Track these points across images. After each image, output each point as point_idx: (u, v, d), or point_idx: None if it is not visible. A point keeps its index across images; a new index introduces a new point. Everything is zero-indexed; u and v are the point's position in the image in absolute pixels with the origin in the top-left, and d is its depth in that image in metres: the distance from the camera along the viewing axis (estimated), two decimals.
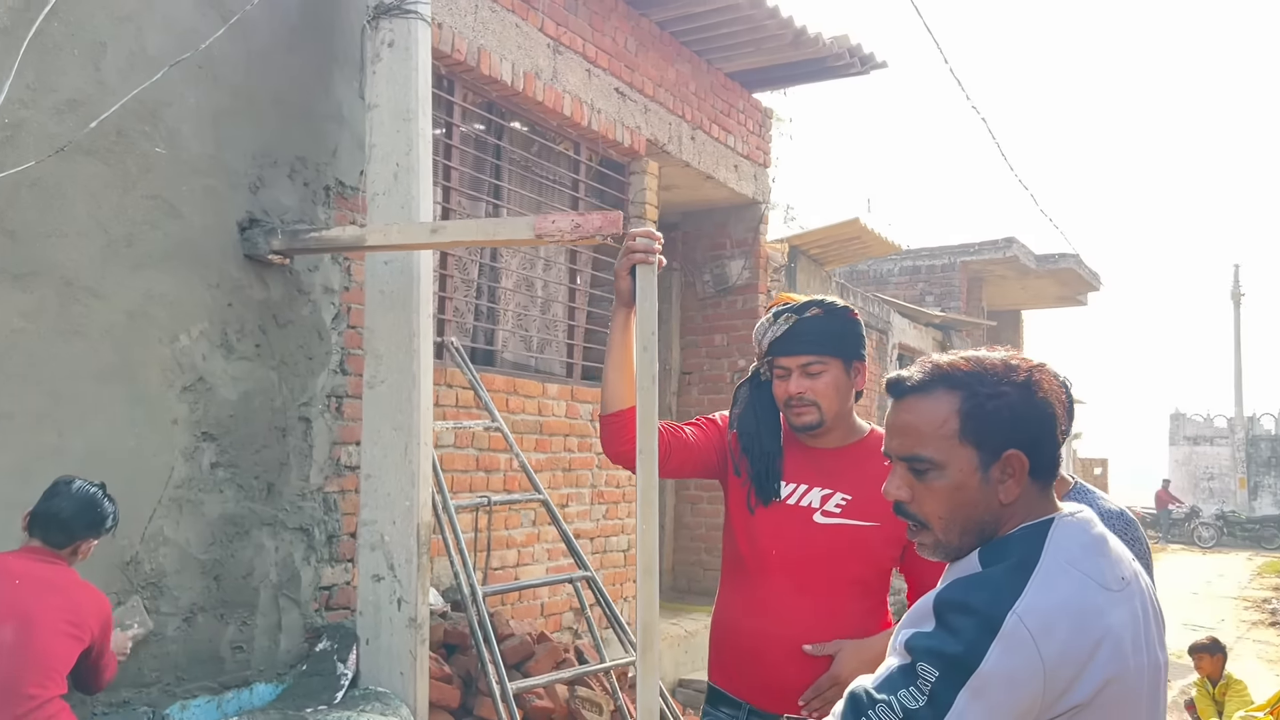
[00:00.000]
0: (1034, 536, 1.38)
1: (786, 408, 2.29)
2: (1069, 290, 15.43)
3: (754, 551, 2.30)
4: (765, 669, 2.24)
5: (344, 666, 3.81)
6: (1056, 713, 1.27)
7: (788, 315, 2.26)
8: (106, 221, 3.20)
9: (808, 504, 2.26)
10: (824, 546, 2.23)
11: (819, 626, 2.21)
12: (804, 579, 2.23)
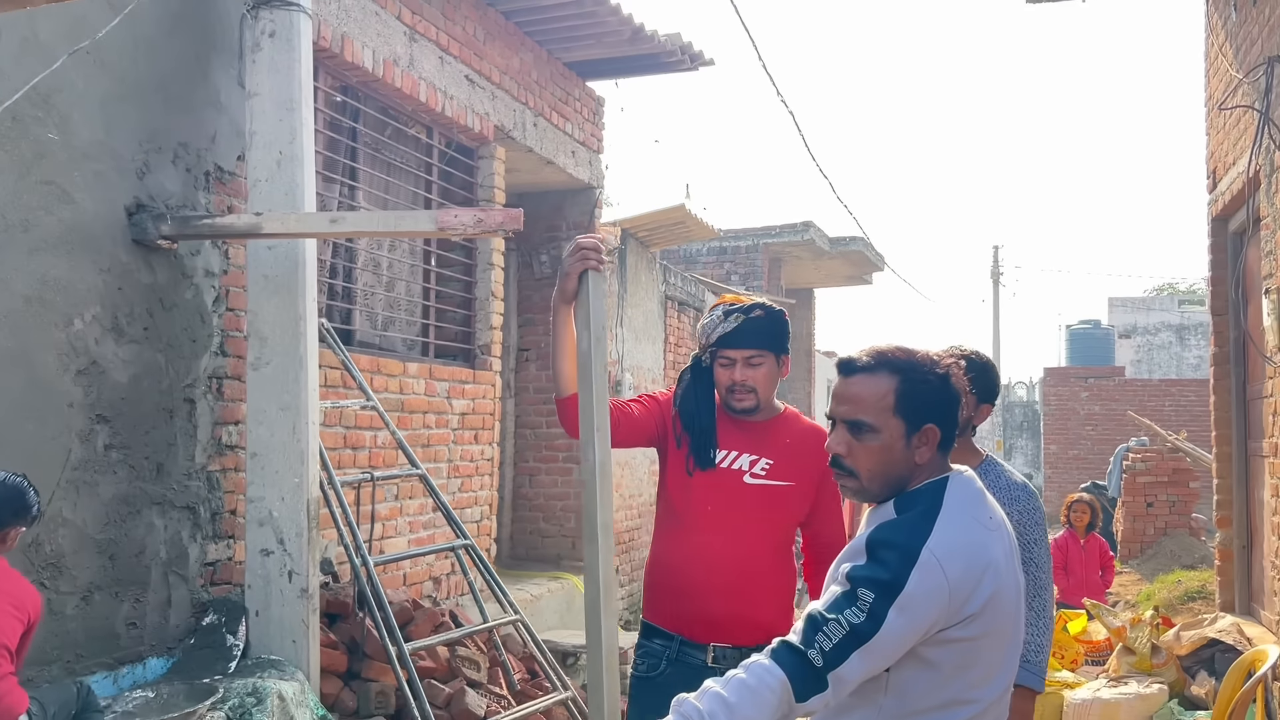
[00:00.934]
0: (936, 490, 1.84)
1: (729, 392, 2.73)
2: (857, 270, 16.64)
3: (689, 508, 2.72)
4: (696, 606, 2.66)
5: (234, 638, 3.95)
6: (958, 620, 1.74)
7: (736, 315, 2.68)
8: (3, 207, 3.22)
9: (739, 467, 2.71)
10: (751, 502, 2.69)
11: (742, 569, 2.66)
12: (732, 530, 2.67)
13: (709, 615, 2.68)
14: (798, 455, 2.76)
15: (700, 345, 2.82)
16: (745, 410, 2.75)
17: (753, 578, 2.67)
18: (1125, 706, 5.04)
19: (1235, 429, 6.27)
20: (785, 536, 2.75)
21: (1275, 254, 4.90)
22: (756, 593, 2.69)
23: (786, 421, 2.83)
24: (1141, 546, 12.14)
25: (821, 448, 2.70)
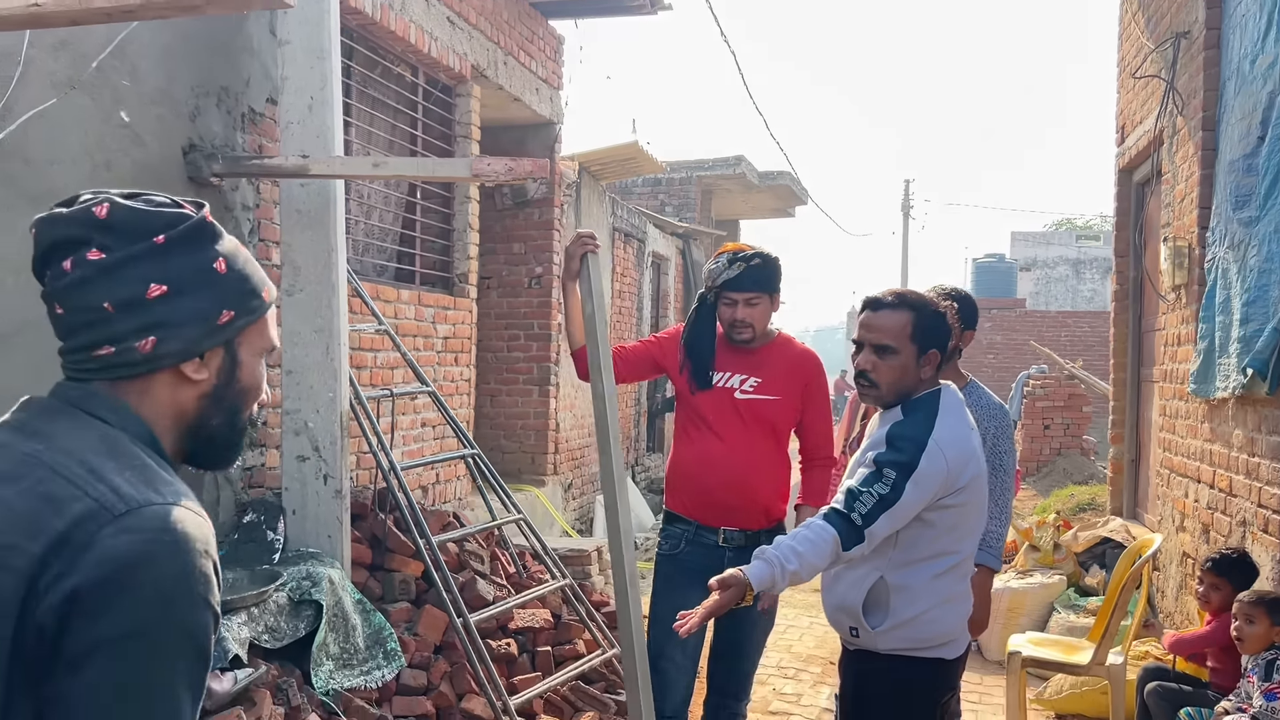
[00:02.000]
0: (933, 398, 2.47)
1: (730, 327, 3.32)
2: (782, 203, 17.32)
3: (694, 420, 3.33)
4: (706, 498, 3.28)
5: (274, 534, 4.44)
6: (951, 491, 2.38)
7: (740, 263, 3.25)
8: (92, 149, 3.59)
9: (730, 386, 3.31)
10: (742, 414, 3.29)
11: (740, 468, 3.27)
12: (729, 436, 3.29)
13: (717, 505, 3.31)
14: (785, 374, 3.37)
15: (706, 286, 3.39)
16: (743, 341, 3.35)
17: (749, 474, 3.28)
18: (1030, 594, 5.90)
19: (1131, 358, 7.13)
20: (775, 440, 3.35)
21: (1174, 206, 5.66)
22: (753, 487, 3.31)
23: (779, 346, 3.44)
24: (1038, 465, 13.25)
25: (807, 367, 3.35)
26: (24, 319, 3.36)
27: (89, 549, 0.97)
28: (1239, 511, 4.44)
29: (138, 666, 0.96)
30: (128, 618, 0.96)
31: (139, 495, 1.02)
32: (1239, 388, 4.26)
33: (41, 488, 1.01)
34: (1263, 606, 3.48)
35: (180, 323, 1.13)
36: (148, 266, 1.12)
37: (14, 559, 0.97)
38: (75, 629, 0.95)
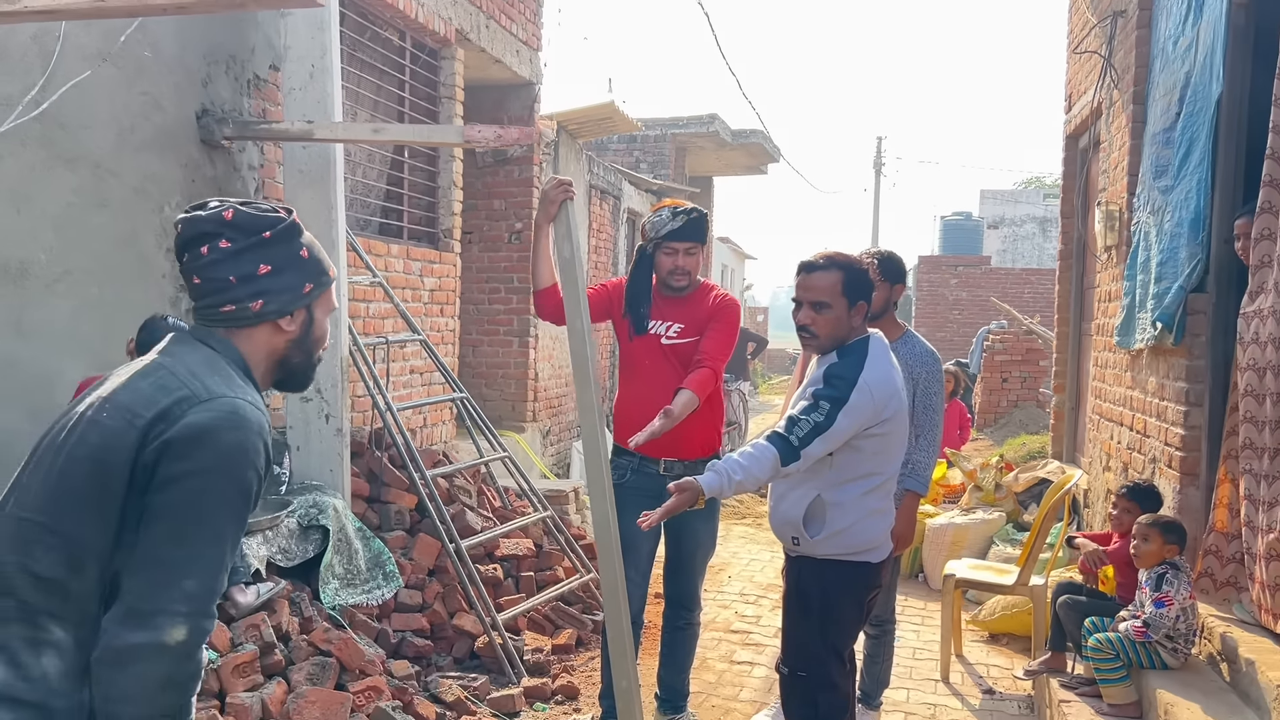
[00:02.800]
0: (863, 344, 2.92)
1: (670, 274, 3.70)
2: (755, 161, 17.67)
3: (632, 363, 3.73)
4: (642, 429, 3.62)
5: (280, 468, 4.87)
6: (877, 422, 2.84)
7: (682, 215, 3.64)
8: (118, 115, 3.95)
9: (658, 333, 3.71)
10: (670, 357, 3.69)
11: (669, 399, 3.61)
12: (661, 377, 3.65)
13: (657, 439, 3.57)
14: (705, 317, 3.71)
15: (647, 238, 3.73)
16: (679, 288, 3.73)
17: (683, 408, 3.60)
18: (972, 529, 6.43)
19: (1073, 312, 7.63)
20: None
21: (1109, 173, 6.12)
22: (688, 421, 3.62)
23: (702, 293, 3.80)
24: (996, 417, 13.82)
25: (717, 304, 3.66)
26: (64, 269, 3.75)
27: (181, 419, 1.47)
28: (1150, 450, 4.96)
29: (200, 492, 1.46)
30: (197, 462, 1.46)
31: (218, 390, 1.53)
32: (1152, 340, 4.76)
33: (161, 381, 1.53)
34: (1156, 528, 3.98)
35: (279, 291, 1.64)
36: (259, 253, 1.63)
37: (137, 420, 1.48)
38: (164, 465, 1.46)
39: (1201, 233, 4.43)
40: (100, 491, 1.43)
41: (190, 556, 1.42)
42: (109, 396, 1.51)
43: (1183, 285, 4.48)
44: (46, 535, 1.43)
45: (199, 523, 1.43)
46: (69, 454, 1.47)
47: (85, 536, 1.43)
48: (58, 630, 1.41)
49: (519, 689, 4.25)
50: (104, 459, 1.44)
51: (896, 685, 4.58)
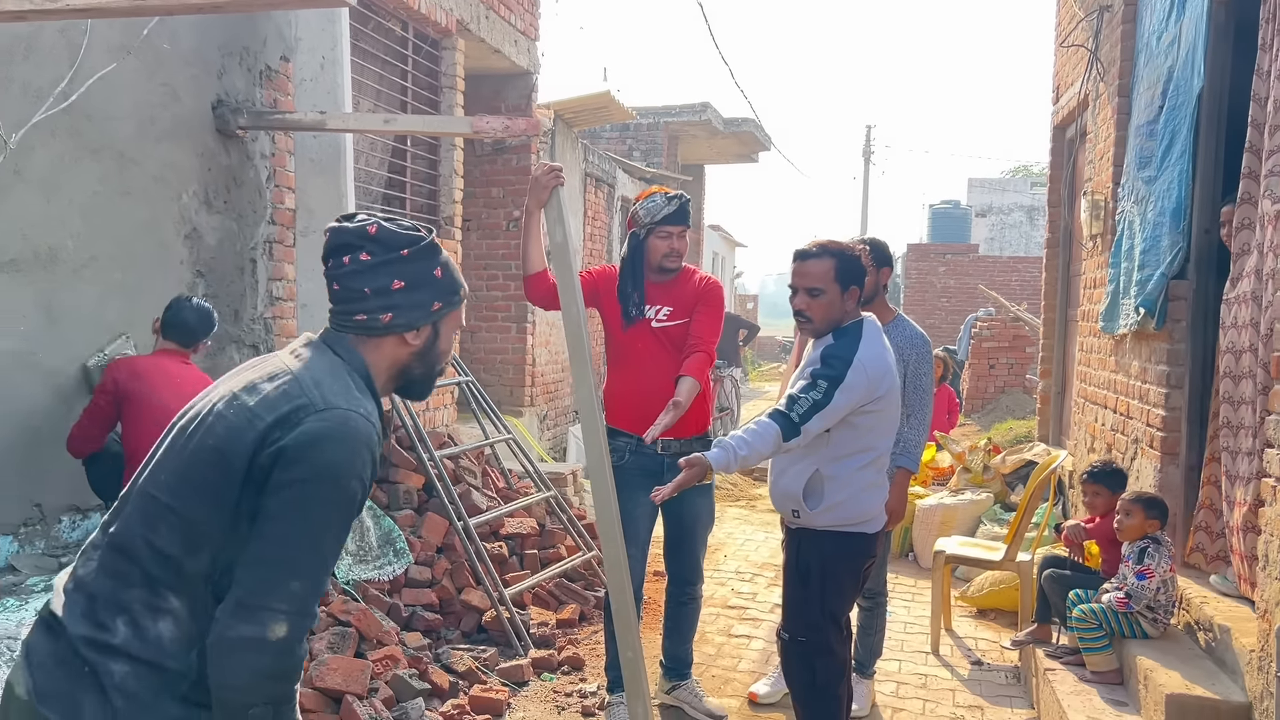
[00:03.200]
0: (857, 326, 3.09)
1: (665, 257, 3.81)
2: (746, 149, 17.81)
3: (625, 348, 3.83)
4: (643, 414, 3.74)
5: None
6: (871, 399, 3.01)
7: (675, 200, 3.77)
8: (140, 106, 4.08)
9: (649, 317, 3.84)
10: (661, 340, 3.81)
11: (663, 380, 3.72)
12: (654, 359, 3.79)
13: (652, 419, 3.66)
14: (692, 300, 3.84)
15: (640, 224, 3.83)
16: (670, 270, 3.84)
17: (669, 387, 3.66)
18: (961, 509, 6.62)
19: (1059, 299, 7.82)
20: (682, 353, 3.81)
21: (1095, 163, 6.29)
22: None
23: (686, 276, 3.92)
24: (983, 403, 14.02)
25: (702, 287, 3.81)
26: (91, 255, 3.89)
27: (297, 426, 1.57)
28: (1133, 431, 5.15)
29: (308, 499, 1.55)
30: (307, 470, 1.54)
31: (335, 402, 1.61)
32: (1135, 325, 4.94)
33: (285, 388, 1.62)
34: (1139, 503, 4.17)
35: (409, 306, 1.72)
36: (396, 268, 1.71)
37: (257, 422, 1.58)
38: (278, 470, 1.55)
39: (1183, 222, 4.60)
40: (220, 483, 1.55)
41: (296, 558, 1.54)
42: (238, 394, 1.62)
43: (1165, 272, 4.65)
44: (170, 515, 1.56)
45: (305, 527, 1.54)
46: (198, 443, 1.59)
47: (201, 522, 1.55)
48: (174, 600, 1.55)
49: (527, 660, 4.42)
50: (225, 453, 1.56)
51: (889, 657, 4.77)
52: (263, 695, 1.52)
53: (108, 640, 1.52)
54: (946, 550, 5.22)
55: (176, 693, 1.54)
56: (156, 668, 1.52)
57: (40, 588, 3.22)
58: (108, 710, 1.49)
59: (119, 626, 1.52)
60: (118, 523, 1.60)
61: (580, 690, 4.24)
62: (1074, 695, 3.93)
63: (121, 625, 1.52)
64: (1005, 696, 4.49)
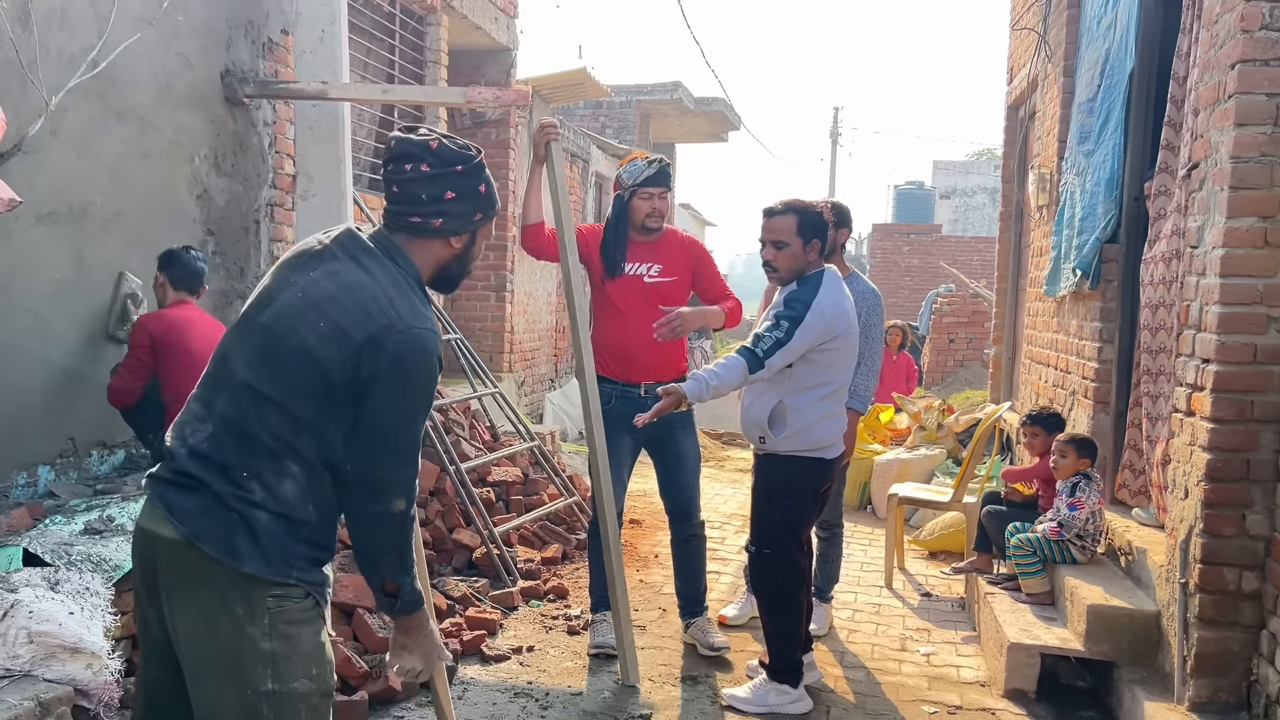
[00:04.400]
0: (819, 275, 3.50)
1: (646, 217, 4.18)
2: (716, 128, 18.18)
3: (611, 301, 4.19)
4: (628, 362, 4.13)
5: None
6: (828, 339, 3.42)
7: (655, 163, 4.14)
8: (157, 73, 4.39)
9: (639, 273, 4.20)
10: (650, 295, 4.16)
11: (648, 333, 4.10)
12: (641, 313, 4.14)
13: (637, 367, 4.15)
14: (678, 258, 4.22)
15: (624, 186, 4.18)
16: (652, 230, 4.20)
17: (660, 342, 4.02)
18: (916, 463, 7.09)
19: (1012, 270, 8.29)
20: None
21: (1042, 139, 6.73)
22: (662, 350, 4.15)
23: (670, 236, 4.30)
24: (943, 376, 14.54)
25: (689, 249, 4.23)
26: (116, 210, 4.21)
27: (386, 349, 1.90)
28: (1070, 385, 5.61)
29: (407, 405, 1.94)
30: (402, 384, 1.92)
31: (412, 322, 1.94)
32: (1073, 286, 5.39)
33: (364, 305, 1.93)
34: (1072, 444, 4.62)
35: (458, 215, 2.04)
36: (450, 181, 2.01)
37: (348, 341, 1.91)
38: (379, 384, 1.91)
39: (1116, 191, 5.04)
40: (322, 388, 1.90)
41: (402, 448, 1.95)
42: (321, 306, 1.92)
43: (1099, 237, 5.10)
44: (277, 408, 1.90)
45: (407, 426, 1.95)
46: (289, 344, 1.92)
47: (307, 415, 1.91)
48: (293, 466, 1.92)
49: (516, 588, 4.81)
50: (322, 362, 1.89)
51: (846, 590, 5.22)
52: (395, 544, 1.99)
53: (249, 497, 1.90)
54: (900, 493, 5.67)
55: (301, 536, 1.94)
56: (287, 518, 1.92)
57: (83, 508, 3.56)
58: (258, 547, 1.89)
59: (255, 488, 1.90)
60: (225, 401, 1.95)
61: (565, 614, 4.65)
62: (1010, 613, 4.38)
63: (257, 487, 1.90)
64: (950, 621, 4.95)
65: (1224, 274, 3.41)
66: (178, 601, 1.93)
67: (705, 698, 3.86)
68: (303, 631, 1.94)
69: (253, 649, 1.89)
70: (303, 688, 1.93)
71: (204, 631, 1.91)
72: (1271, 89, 3.32)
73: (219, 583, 1.89)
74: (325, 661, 1.98)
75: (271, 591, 1.90)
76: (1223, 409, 3.42)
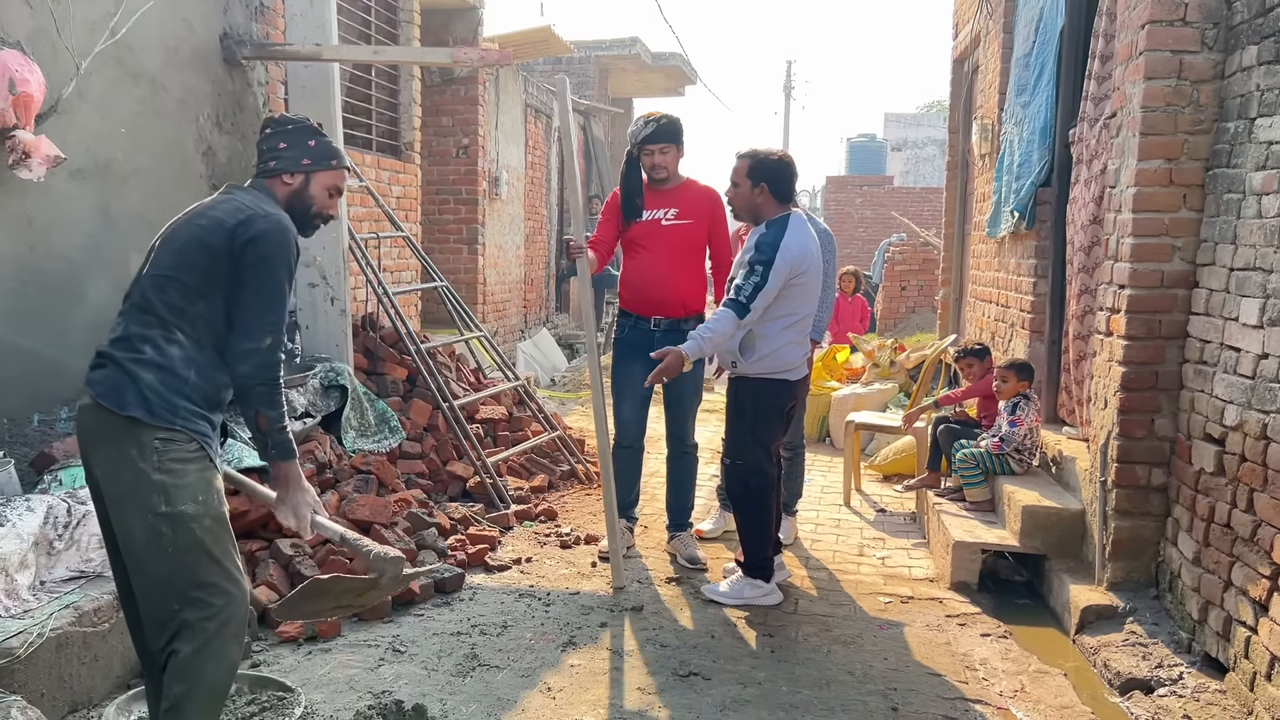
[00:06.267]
0: (784, 219, 3.96)
1: (652, 170, 4.64)
2: (673, 83, 18.48)
3: (635, 243, 4.68)
4: (645, 296, 4.64)
5: (292, 344, 5.71)
6: (795, 275, 3.89)
7: (653, 123, 4.58)
8: (166, 37, 4.70)
9: (657, 218, 4.68)
10: (668, 237, 4.65)
11: (668, 274, 4.61)
12: (659, 253, 4.64)
13: (649, 301, 4.66)
14: (694, 205, 4.70)
15: (632, 144, 4.70)
16: (661, 180, 4.70)
17: (675, 279, 4.65)
18: (870, 397, 7.61)
19: (958, 216, 8.80)
20: (694, 254, 4.75)
21: (985, 92, 7.21)
22: (678, 287, 4.66)
23: (688, 185, 4.77)
24: (895, 322, 15.10)
25: (709, 199, 4.73)
26: (134, 167, 4.54)
27: (251, 225, 2.50)
28: (1010, 318, 6.14)
29: (270, 267, 2.51)
30: (267, 249, 2.51)
31: (269, 211, 2.58)
32: (1011, 227, 5.89)
33: (236, 204, 2.58)
34: (1012, 369, 5.15)
35: (286, 157, 2.71)
36: (283, 136, 2.73)
37: (226, 222, 2.52)
38: (248, 252, 2.50)
39: (1049, 138, 5.53)
40: (208, 259, 2.49)
41: (269, 302, 2.51)
42: (203, 212, 2.58)
43: (1034, 181, 5.60)
44: (173, 282, 2.49)
45: (271, 283, 2.51)
46: (183, 240, 2.54)
47: (196, 283, 2.49)
48: (179, 334, 2.48)
49: (510, 511, 5.26)
50: (207, 242, 2.50)
51: (808, 509, 5.73)
52: (260, 378, 2.51)
53: (140, 357, 2.45)
54: (855, 420, 6.18)
55: (182, 393, 2.47)
56: (171, 374, 2.47)
57: None
58: (143, 400, 2.43)
59: (146, 350, 2.46)
60: (135, 295, 2.54)
61: (557, 531, 5.11)
62: (955, 519, 4.92)
63: (148, 349, 2.47)
64: (903, 531, 5.49)
65: (1136, 209, 3.91)
66: (92, 455, 2.49)
67: (688, 595, 4.35)
68: (188, 467, 2.45)
69: (147, 481, 2.40)
70: (190, 510, 2.43)
71: (111, 473, 2.45)
72: (1176, 46, 3.80)
73: (115, 431, 2.43)
74: (212, 490, 2.49)
75: (157, 435, 2.42)
76: (1135, 328, 3.94)
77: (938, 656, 3.81)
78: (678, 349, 3.89)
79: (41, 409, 4.15)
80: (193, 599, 2.44)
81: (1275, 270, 3.22)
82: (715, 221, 4.75)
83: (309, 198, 2.73)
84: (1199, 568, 3.60)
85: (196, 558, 2.44)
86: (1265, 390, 3.22)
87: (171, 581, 2.44)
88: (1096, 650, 3.77)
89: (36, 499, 3.37)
